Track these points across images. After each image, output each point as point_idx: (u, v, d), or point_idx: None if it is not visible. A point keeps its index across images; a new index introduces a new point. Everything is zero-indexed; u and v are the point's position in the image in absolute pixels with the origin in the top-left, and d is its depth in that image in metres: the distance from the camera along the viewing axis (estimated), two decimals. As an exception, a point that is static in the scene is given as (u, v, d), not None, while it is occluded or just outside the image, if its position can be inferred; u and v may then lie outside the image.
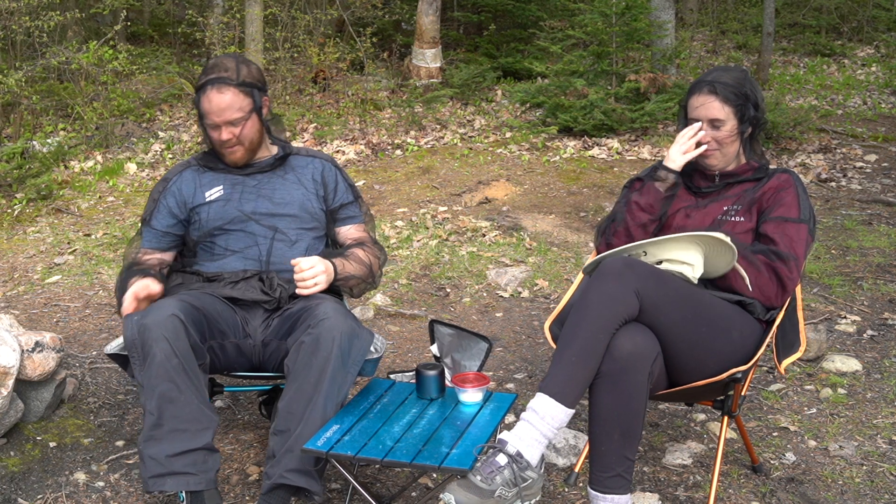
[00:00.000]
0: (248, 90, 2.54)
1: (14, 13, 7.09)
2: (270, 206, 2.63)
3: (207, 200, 2.63)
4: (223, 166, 2.67)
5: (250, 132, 2.59)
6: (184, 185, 2.67)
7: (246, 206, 2.62)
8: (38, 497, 2.56)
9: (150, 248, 2.68)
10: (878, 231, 5.17)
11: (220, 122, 2.53)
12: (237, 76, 2.52)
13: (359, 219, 2.77)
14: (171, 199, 2.67)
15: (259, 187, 2.65)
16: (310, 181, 2.70)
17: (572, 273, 4.58)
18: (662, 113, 7.41)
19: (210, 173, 2.68)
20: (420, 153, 7.30)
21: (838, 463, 2.71)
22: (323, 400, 2.26)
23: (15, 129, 7.32)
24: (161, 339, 2.25)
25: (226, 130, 2.54)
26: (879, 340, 3.63)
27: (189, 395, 2.26)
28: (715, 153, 2.48)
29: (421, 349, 3.73)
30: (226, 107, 2.50)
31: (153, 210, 2.69)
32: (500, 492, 2.03)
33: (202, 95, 2.53)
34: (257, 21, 8.23)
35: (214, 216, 2.62)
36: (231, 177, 2.66)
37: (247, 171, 2.67)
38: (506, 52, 10.40)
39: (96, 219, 5.80)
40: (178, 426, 2.25)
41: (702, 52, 11.31)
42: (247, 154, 2.63)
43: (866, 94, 9.43)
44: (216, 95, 2.50)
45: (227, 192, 2.64)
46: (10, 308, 4.19)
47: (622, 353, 2.14)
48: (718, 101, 2.43)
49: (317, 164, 2.74)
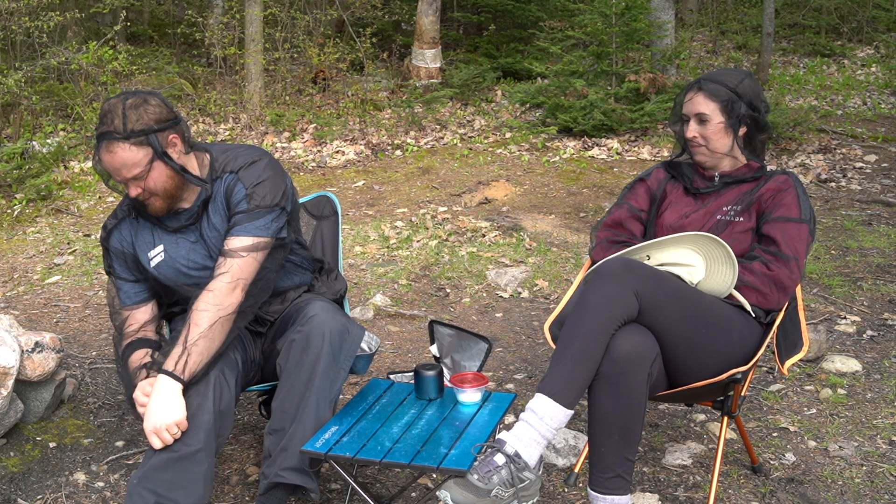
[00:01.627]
0: (141, 140, 2.21)
1: (14, 13, 7.09)
2: (211, 261, 2.37)
3: (152, 265, 2.41)
4: (153, 218, 2.41)
5: (159, 182, 2.27)
6: (124, 243, 2.45)
7: (192, 272, 2.40)
8: (37, 497, 2.56)
9: (130, 304, 2.45)
10: (878, 231, 5.17)
11: (125, 179, 2.25)
12: (124, 128, 2.20)
13: (240, 229, 2.31)
14: (119, 257, 2.46)
15: (196, 243, 2.39)
16: (223, 217, 2.37)
17: (572, 273, 4.58)
18: (662, 113, 7.41)
19: (146, 225, 2.43)
20: (420, 153, 7.30)
21: (838, 463, 2.71)
22: (315, 397, 2.26)
23: (15, 129, 7.32)
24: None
25: (132, 187, 2.27)
26: (879, 341, 3.63)
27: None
28: (702, 149, 2.49)
29: (421, 349, 3.73)
30: (119, 166, 2.22)
31: (110, 262, 2.48)
32: (497, 491, 2.03)
33: (98, 151, 2.26)
34: (257, 21, 8.23)
35: (165, 278, 2.42)
36: (165, 234, 2.41)
37: (176, 226, 2.39)
38: (506, 52, 10.41)
39: (96, 219, 5.80)
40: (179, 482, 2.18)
41: (702, 52, 11.31)
42: (167, 202, 2.32)
43: (866, 94, 9.43)
44: (107, 155, 2.23)
45: (167, 256, 2.40)
46: (10, 308, 4.20)
47: (621, 354, 2.14)
48: (702, 97, 2.45)
49: (220, 186, 2.38)
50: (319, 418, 2.27)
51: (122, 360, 2.39)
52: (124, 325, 2.44)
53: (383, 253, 4.95)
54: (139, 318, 2.45)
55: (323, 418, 2.28)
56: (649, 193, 2.64)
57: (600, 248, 2.58)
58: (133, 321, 2.44)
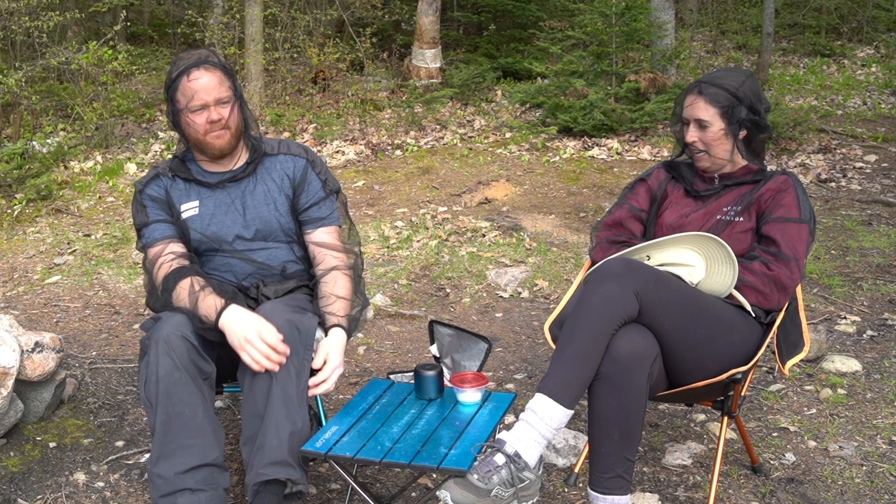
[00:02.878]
0: (231, 77, 2.42)
1: (14, 13, 7.09)
2: (242, 227, 2.47)
3: (184, 216, 2.47)
4: (193, 176, 2.50)
5: (237, 118, 2.43)
6: (160, 192, 2.50)
7: (219, 230, 2.47)
8: (37, 497, 2.56)
9: (164, 238, 2.43)
10: (878, 231, 5.17)
11: (210, 102, 2.35)
12: (218, 61, 2.40)
13: (330, 220, 2.55)
14: (155, 202, 2.48)
15: (232, 203, 2.49)
16: (277, 188, 2.52)
17: (572, 273, 4.58)
18: (662, 113, 7.41)
19: (182, 183, 2.51)
20: (420, 153, 7.30)
21: (838, 463, 2.71)
22: (280, 388, 2.19)
23: (15, 129, 7.32)
24: (163, 354, 2.18)
25: (215, 110, 2.36)
26: (879, 341, 3.63)
27: (194, 409, 2.19)
28: (704, 155, 2.48)
29: (420, 349, 3.73)
30: (216, 84, 2.35)
31: (144, 212, 2.48)
32: (497, 491, 2.03)
33: (184, 79, 2.34)
34: (257, 21, 8.23)
35: (192, 232, 2.47)
36: (203, 190, 2.49)
37: (218, 180, 2.49)
38: (506, 52, 10.41)
39: (96, 219, 5.81)
40: (185, 441, 2.17)
41: (702, 52, 11.31)
42: (232, 141, 2.43)
43: (866, 94, 9.43)
44: (204, 74, 2.34)
45: (201, 211, 2.48)
46: (10, 308, 4.20)
47: (621, 354, 2.14)
48: (703, 102, 2.43)
49: (287, 163, 2.54)
50: (290, 410, 2.19)
51: (166, 288, 2.36)
52: (159, 257, 2.41)
53: (383, 253, 4.95)
54: (175, 249, 2.43)
55: (293, 410, 2.19)
56: (650, 193, 2.64)
57: (600, 249, 2.58)
58: (170, 251, 2.42)
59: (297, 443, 2.17)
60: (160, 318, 2.31)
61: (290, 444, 2.16)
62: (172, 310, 2.33)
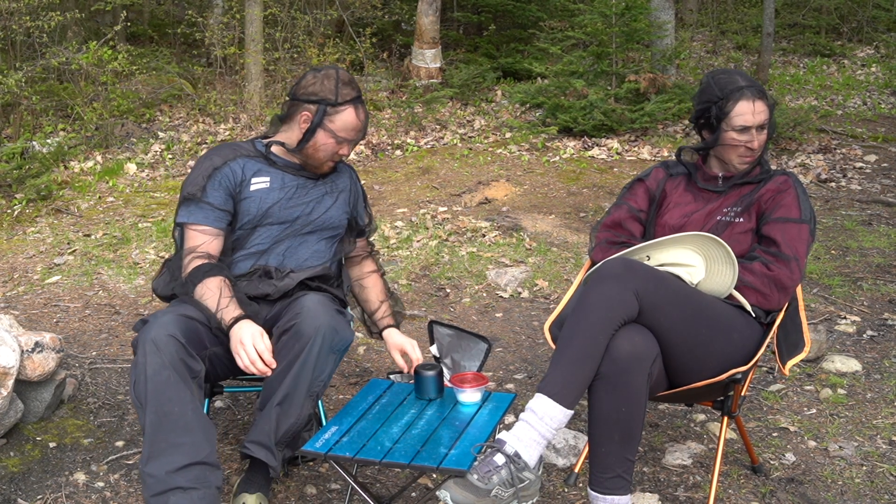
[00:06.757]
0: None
1: (14, 13, 7.09)
2: (307, 218, 2.61)
3: (251, 189, 2.54)
4: (277, 164, 2.61)
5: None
6: (237, 171, 2.55)
7: (284, 212, 2.57)
8: (37, 497, 2.56)
9: (208, 225, 2.49)
10: (878, 231, 5.17)
11: (356, 139, 2.59)
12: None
13: (371, 229, 2.89)
14: (222, 182, 2.52)
15: (306, 196, 2.62)
16: (342, 193, 2.72)
17: (572, 273, 4.58)
18: (662, 113, 7.41)
19: (264, 166, 2.60)
20: (420, 153, 7.30)
21: (838, 463, 2.71)
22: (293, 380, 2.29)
23: (15, 129, 7.32)
24: (152, 353, 2.21)
25: (348, 147, 2.60)
26: (879, 341, 3.63)
27: (184, 407, 2.20)
28: (751, 156, 2.49)
29: (421, 349, 3.72)
30: (364, 127, 2.59)
31: (205, 184, 2.50)
32: (497, 491, 2.03)
33: (351, 108, 2.53)
34: (257, 21, 8.23)
35: (252, 207, 2.53)
36: (282, 175, 2.60)
37: (301, 173, 2.63)
38: (506, 52, 10.41)
39: (96, 219, 5.80)
40: (175, 440, 2.18)
41: (701, 52, 11.31)
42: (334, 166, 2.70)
43: (866, 94, 9.43)
44: (363, 114, 2.58)
45: (272, 187, 2.57)
46: (10, 308, 4.20)
47: (621, 355, 2.14)
48: (763, 104, 2.44)
49: (346, 175, 2.76)
50: (294, 404, 2.30)
51: (192, 278, 2.42)
52: (197, 248, 2.47)
53: (383, 253, 4.95)
54: (214, 246, 2.50)
55: (297, 404, 2.32)
56: (648, 194, 2.64)
57: (600, 249, 2.58)
58: (207, 247, 2.49)
59: (286, 434, 2.34)
60: (148, 319, 2.34)
61: (279, 433, 2.32)
62: (183, 298, 2.43)
